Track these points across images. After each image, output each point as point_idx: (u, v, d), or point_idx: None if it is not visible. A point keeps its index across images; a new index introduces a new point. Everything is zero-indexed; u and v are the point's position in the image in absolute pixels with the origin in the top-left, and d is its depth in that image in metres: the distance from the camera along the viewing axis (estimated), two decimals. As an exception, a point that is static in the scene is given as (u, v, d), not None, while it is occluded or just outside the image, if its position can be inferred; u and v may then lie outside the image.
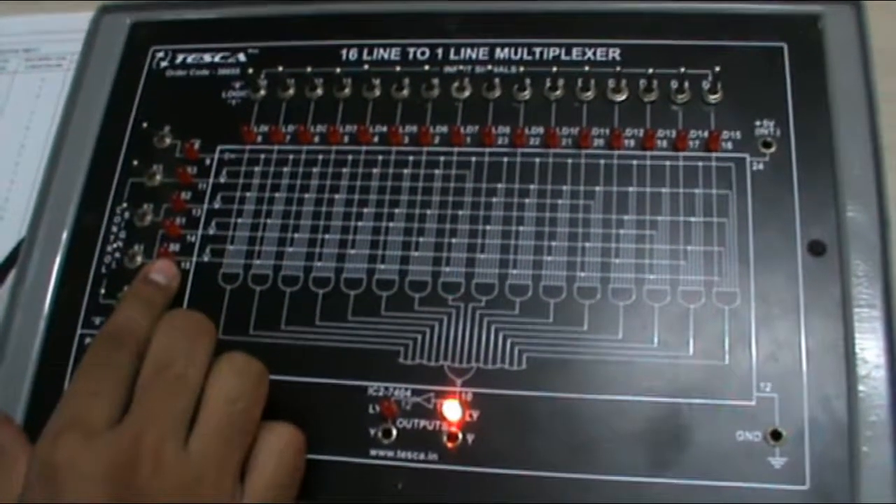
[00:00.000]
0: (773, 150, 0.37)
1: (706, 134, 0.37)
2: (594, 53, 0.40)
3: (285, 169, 0.40)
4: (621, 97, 0.39)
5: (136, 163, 0.41)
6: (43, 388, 0.37)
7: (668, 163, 0.37)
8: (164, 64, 0.44)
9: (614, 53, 0.40)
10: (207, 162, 0.41)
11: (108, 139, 0.42)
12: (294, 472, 0.32)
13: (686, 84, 0.38)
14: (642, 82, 0.39)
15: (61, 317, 0.39)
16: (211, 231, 0.40)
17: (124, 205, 0.41)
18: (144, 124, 0.42)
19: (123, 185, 0.41)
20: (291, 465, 0.32)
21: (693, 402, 0.33)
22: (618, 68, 0.39)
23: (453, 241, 0.37)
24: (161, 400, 0.31)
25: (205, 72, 0.43)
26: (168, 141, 0.42)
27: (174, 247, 0.39)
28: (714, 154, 0.37)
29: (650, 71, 0.38)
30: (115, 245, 0.40)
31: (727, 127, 0.37)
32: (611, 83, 0.39)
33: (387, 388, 0.35)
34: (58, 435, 0.30)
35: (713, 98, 0.38)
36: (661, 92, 0.39)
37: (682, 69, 0.38)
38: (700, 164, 0.37)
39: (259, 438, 0.32)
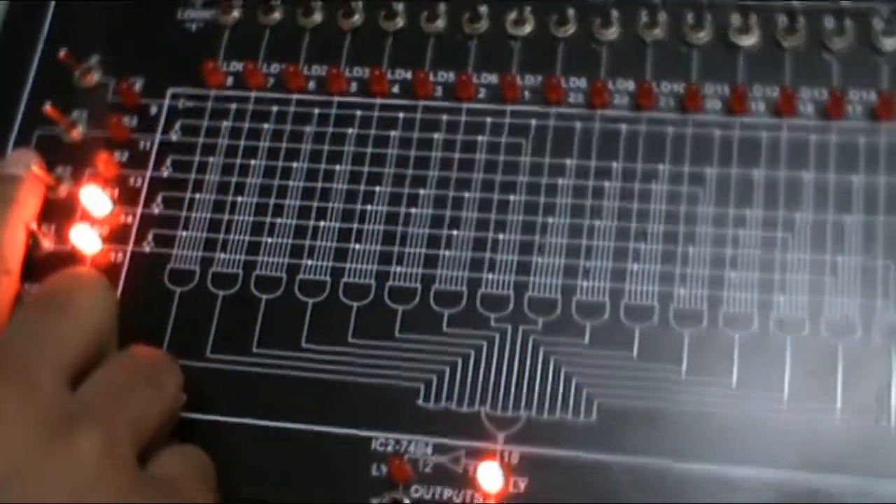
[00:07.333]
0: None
1: (873, 96, 0.40)
2: (713, -27, 0.42)
3: (266, 125, 0.43)
4: (749, 40, 0.41)
5: (47, 106, 0.43)
6: None
7: (813, 136, 0.39)
8: (91, -34, 0.46)
9: (744, -25, 0.42)
10: (153, 110, 0.44)
11: (2, 71, 0.45)
12: None
13: (847, 22, 0.40)
14: (781, 19, 0.41)
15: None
16: (156, 209, 0.42)
17: (29, 166, 0.43)
18: (62, 51, 0.44)
19: (27, 138, 0.44)
20: None
21: (840, 483, 0.35)
22: (746, -1, 0.41)
23: (500, 236, 0.40)
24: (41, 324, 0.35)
25: (153, -20, 0.46)
26: (96, 77, 0.45)
27: (100, 229, 0.42)
28: (884, 124, 0.39)
29: (795, 4, 0.40)
30: (14, 224, 0.42)
31: (906, 86, 0.40)
32: (735, 20, 0.41)
33: (398, 442, 0.37)
34: None
35: (889, 43, 0.40)
36: (808, 33, 0.41)
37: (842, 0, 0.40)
38: (862, 138, 0.39)
39: None
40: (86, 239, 0.41)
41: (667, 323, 0.38)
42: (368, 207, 0.41)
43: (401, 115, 0.42)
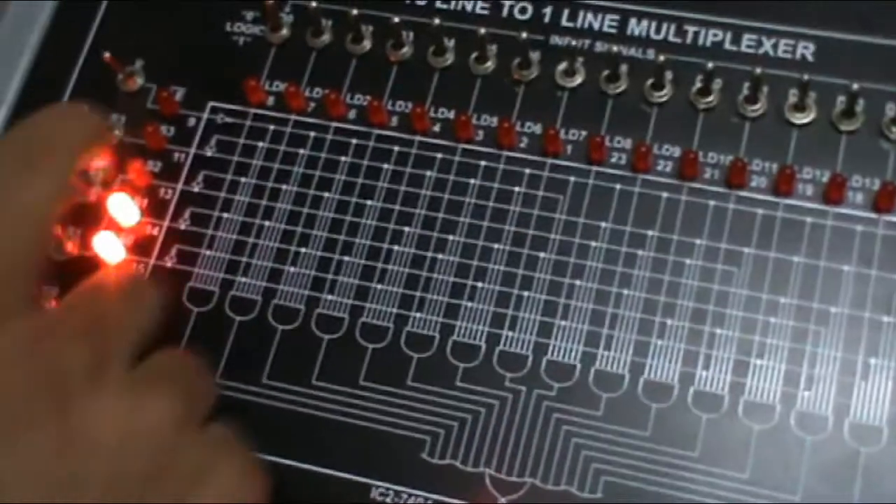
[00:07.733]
0: None
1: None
2: (774, 46, 0.41)
3: (301, 151, 0.42)
4: (805, 118, 0.40)
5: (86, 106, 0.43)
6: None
7: (859, 227, 0.38)
8: (143, -30, 0.46)
9: (805, 50, 0.41)
10: (191, 122, 0.44)
11: (48, 67, 0.45)
12: None
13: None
14: (840, 100, 0.40)
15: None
16: (182, 224, 0.42)
17: (64, 164, 0.43)
18: (106, 53, 0.44)
19: (67, 134, 0.44)
20: None
21: None
22: (805, 77, 0.39)
23: (526, 294, 0.39)
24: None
25: (205, -11, 0.46)
26: (139, 82, 0.45)
27: (125, 238, 0.42)
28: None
29: (855, 87, 0.39)
30: (44, 221, 0.42)
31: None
32: (792, 95, 0.40)
33: (399, 494, 0.37)
34: None
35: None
36: (868, 118, 0.40)
37: (908, 88, 0.39)
38: (911, 237, 0.38)
39: None
40: (109, 248, 0.41)
41: (685, 405, 0.37)
42: (395, 248, 0.40)
43: (439, 155, 0.42)
